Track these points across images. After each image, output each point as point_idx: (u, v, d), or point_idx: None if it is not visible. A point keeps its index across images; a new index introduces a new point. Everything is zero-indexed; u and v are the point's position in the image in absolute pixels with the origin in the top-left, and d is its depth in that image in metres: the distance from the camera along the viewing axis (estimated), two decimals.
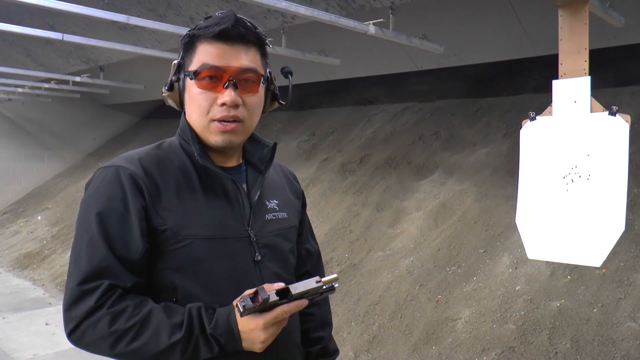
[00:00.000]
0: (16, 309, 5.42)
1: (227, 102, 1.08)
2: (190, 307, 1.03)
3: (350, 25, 3.86)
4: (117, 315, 0.99)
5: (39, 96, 9.24)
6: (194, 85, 1.10)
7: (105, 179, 1.08)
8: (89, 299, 1.00)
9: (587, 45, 2.15)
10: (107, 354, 1.02)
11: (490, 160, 5.11)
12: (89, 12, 3.87)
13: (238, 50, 1.09)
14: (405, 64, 5.85)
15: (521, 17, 4.58)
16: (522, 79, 5.77)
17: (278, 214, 1.23)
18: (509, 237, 4.11)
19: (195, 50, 1.10)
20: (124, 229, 1.04)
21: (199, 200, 1.11)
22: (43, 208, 9.13)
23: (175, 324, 1.00)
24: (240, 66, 1.09)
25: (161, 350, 0.99)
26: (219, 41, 1.08)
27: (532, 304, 3.48)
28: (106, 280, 1.01)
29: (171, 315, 1.01)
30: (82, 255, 1.03)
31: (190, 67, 1.11)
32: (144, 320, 1.00)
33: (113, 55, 6.62)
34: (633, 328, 3.07)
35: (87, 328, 1.00)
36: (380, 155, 6.06)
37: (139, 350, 0.99)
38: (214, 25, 1.08)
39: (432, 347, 3.51)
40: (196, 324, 1.01)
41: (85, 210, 1.07)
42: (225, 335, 1.01)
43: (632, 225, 3.65)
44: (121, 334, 0.99)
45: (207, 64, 1.08)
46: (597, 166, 2.01)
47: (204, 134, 1.12)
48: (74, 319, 1.00)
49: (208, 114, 1.10)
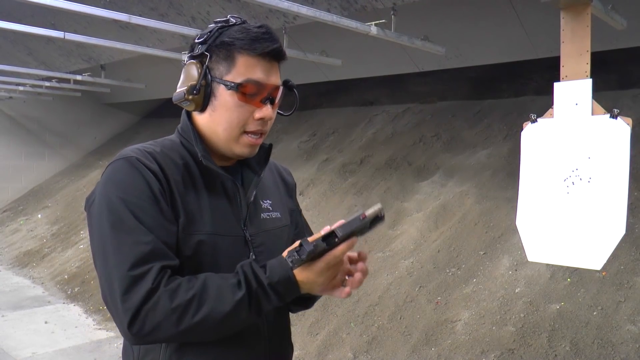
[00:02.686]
0: (15, 307, 5.42)
1: (265, 117, 1.11)
2: (242, 265, 1.04)
3: (352, 25, 3.86)
4: (175, 291, 0.99)
5: (40, 94, 9.25)
6: (232, 95, 1.09)
7: (124, 169, 1.06)
8: (144, 283, 0.97)
9: (588, 48, 2.14)
10: (173, 334, 0.99)
11: (490, 162, 5.10)
12: (91, 10, 3.87)
13: (275, 68, 1.13)
14: (406, 65, 5.84)
15: (523, 19, 4.57)
16: (524, 81, 5.77)
17: (272, 214, 1.25)
18: (509, 239, 4.11)
19: (234, 61, 1.09)
20: (155, 213, 1.03)
21: (202, 198, 1.12)
22: (43, 206, 9.13)
23: (233, 284, 1.01)
24: (276, 84, 1.13)
25: (228, 312, 0.99)
26: (264, 59, 1.10)
27: (532, 307, 3.48)
28: (157, 263, 0.99)
29: (226, 277, 1.03)
30: (122, 242, 1.00)
31: (227, 76, 1.09)
32: (203, 288, 1.00)
33: (114, 54, 6.62)
34: (633, 331, 3.06)
35: (147, 312, 0.97)
36: (380, 156, 6.06)
37: (207, 317, 0.99)
38: (259, 41, 1.08)
39: (431, 348, 3.50)
40: (252, 278, 1.02)
41: (108, 200, 1.03)
42: (284, 284, 1.02)
43: (632, 228, 3.65)
44: (185, 307, 0.98)
45: (252, 80, 1.09)
46: (598, 169, 2.00)
47: (230, 143, 1.13)
48: (132, 307, 0.96)
49: (242, 126, 1.12)
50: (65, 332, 4.63)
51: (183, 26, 4.62)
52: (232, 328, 1.04)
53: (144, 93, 9.08)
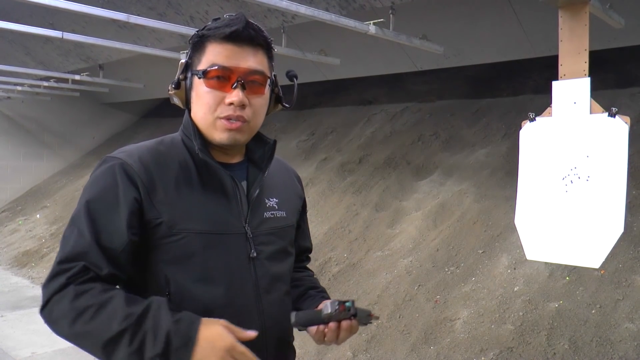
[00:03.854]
0: (14, 307, 5.41)
1: (234, 102, 1.10)
2: (152, 299, 1.01)
3: (351, 25, 3.86)
4: (81, 293, 1.00)
5: (38, 94, 9.23)
6: (202, 84, 1.12)
7: (102, 171, 1.10)
8: (63, 276, 1.01)
9: (587, 47, 2.15)
10: (68, 333, 1.01)
11: (489, 160, 5.11)
12: (89, 10, 3.87)
13: (247, 52, 1.12)
14: (405, 64, 5.85)
15: (521, 18, 4.58)
16: (522, 79, 5.78)
17: (277, 213, 1.25)
18: (508, 238, 4.11)
19: (204, 50, 1.12)
20: (111, 219, 1.05)
21: (196, 195, 1.12)
22: (42, 206, 9.12)
23: (130, 313, 0.97)
24: (248, 68, 1.11)
25: (110, 338, 0.96)
26: (229, 42, 1.10)
27: (531, 305, 3.48)
28: (82, 262, 1.02)
29: (131, 304, 0.99)
30: (69, 239, 1.05)
31: (199, 66, 1.12)
32: (103, 303, 0.99)
33: (113, 54, 6.62)
34: (631, 329, 3.07)
35: (54, 303, 1.01)
36: (379, 155, 6.06)
37: (93, 332, 0.98)
38: (224, 27, 1.10)
39: (430, 347, 3.51)
40: (151, 316, 0.97)
41: (80, 198, 1.10)
42: (181, 338, 0.95)
43: (630, 226, 3.66)
44: (80, 312, 0.98)
45: (216, 64, 1.10)
46: (596, 167, 2.01)
47: (209, 131, 1.14)
48: (46, 294, 1.02)
49: (215, 112, 1.12)
50: None
51: (181, 25, 4.62)
52: (115, 356, 0.97)
53: (143, 93, 9.06)
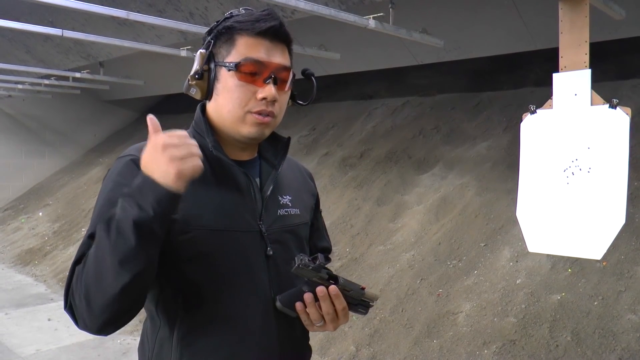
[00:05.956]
0: (18, 305, 5.44)
1: (268, 97, 1.10)
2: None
3: (350, 19, 3.85)
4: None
5: (39, 92, 9.23)
6: (232, 76, 1.10)
7: (117, 169, 1.09)
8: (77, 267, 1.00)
9: (587, 39, 2.14)
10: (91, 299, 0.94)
11: (490, 154, 5.11)
12: (89, 7, 3.86)
13: (278, 48, 1.13)
14: (405, 58, 5.83)
15: (521, 11, 4.56)
16: (523, 72, 5.77)
17: (290, 210, 1.24)
18: (510, 231, 4.12)
19: (234, 42, 1.12)
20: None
21: (210, 192, 1.11)
22: (44, 204, 9.14)
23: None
24: (279, 63, 1.12)
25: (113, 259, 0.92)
26: (264, 38, 1.11)
27: (533, 297, 3.49)
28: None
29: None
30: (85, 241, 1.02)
31: (227, 58, 1.11)
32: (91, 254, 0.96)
33: (113, 51, 6.61)
34: (633, 320, 3.08)
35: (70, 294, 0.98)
36: (380, 149, 6.06)
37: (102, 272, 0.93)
38: (258, 22, 1.11)
39: (433, 340, 3.52)
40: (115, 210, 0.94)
41: (98, 197, 1.09)
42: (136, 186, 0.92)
43: (632, 218, 3.66)
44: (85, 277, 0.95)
45: (251, 58, 1.10)
46: (597, 159, 2.01)
47: (236, 124, 1.13)
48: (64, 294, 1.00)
49: (245, 106, 1.11)
50: (69, 329, 4.64)
51: (181, 22, 4.61)
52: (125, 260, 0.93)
53: (143, 89, 9.06)
